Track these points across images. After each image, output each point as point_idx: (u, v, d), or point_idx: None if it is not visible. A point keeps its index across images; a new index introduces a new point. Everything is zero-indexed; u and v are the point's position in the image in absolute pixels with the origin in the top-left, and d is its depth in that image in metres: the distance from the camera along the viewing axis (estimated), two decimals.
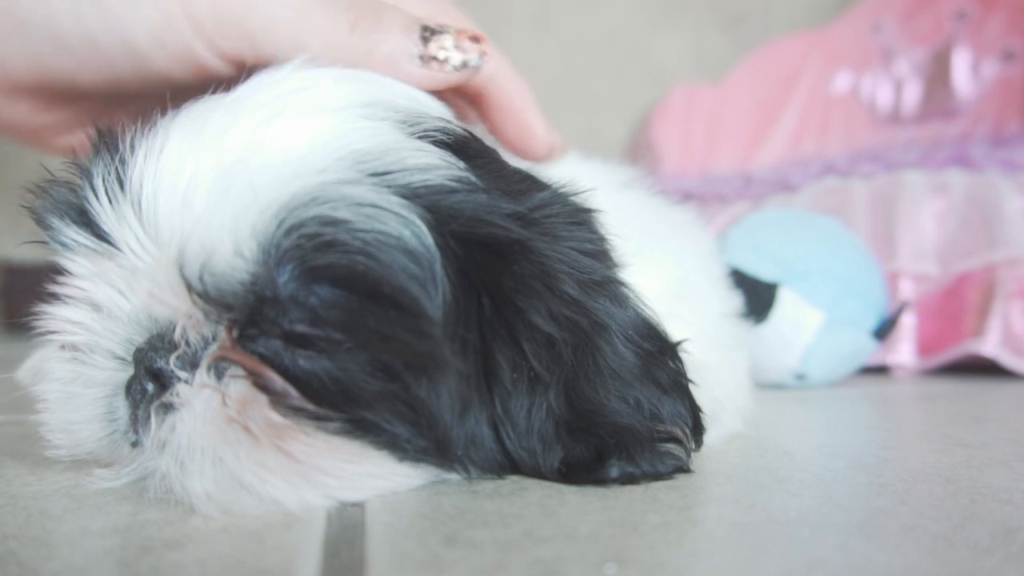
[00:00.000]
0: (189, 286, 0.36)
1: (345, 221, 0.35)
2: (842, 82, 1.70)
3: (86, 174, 0.39)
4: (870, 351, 0.95)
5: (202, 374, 0.37)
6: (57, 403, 0.40)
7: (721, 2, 2.12)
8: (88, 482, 0.39)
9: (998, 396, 0.87)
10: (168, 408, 0.37)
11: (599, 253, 0.43)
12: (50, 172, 0.41)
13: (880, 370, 1.11)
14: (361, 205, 0.35)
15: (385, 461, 0.38)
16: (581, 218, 0.44)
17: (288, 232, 0.35)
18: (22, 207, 0.41)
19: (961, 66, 1.52)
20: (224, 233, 0.35)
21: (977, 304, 1.09)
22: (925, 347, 1.12)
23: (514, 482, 0.41)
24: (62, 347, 0.40)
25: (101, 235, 0.38)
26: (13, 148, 0.94)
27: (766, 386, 0.90)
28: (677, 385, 0.43)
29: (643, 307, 0.44)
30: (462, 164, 0.40)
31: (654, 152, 1.87)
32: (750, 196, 1.46)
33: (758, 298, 0.88)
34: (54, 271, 0.40)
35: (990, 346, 1.04)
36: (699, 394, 0.45)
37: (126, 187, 0.37)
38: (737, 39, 2.07)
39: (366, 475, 0.38)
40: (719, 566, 0.29)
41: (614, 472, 0.39)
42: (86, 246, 0.39)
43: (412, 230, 0.36)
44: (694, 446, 0.44)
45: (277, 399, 0.36)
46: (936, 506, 0.37)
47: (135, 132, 0.39)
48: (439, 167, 0.38)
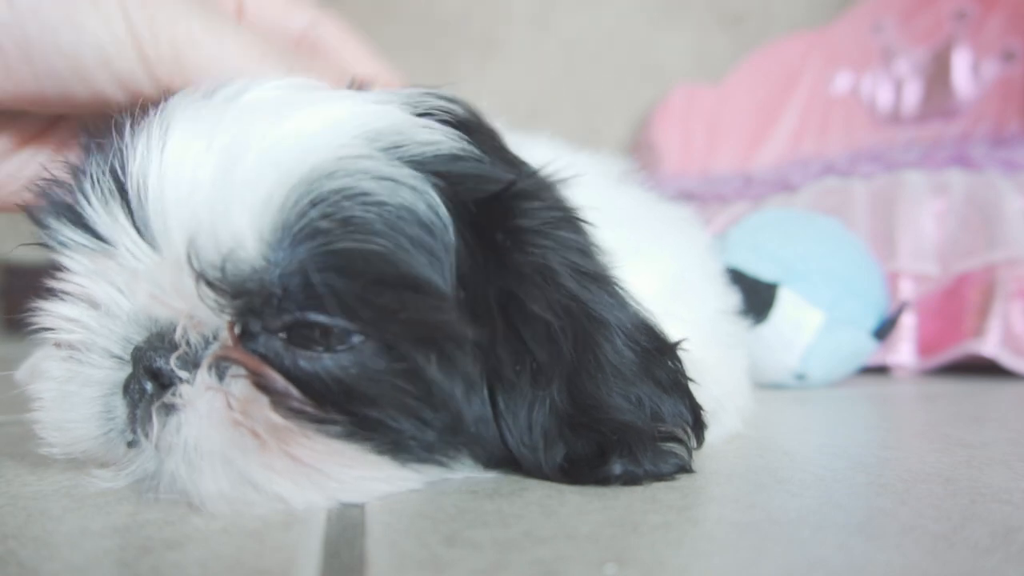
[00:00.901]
0: (200, 275, 0.36)
1: (365, 193, 0.36)
2: (842, 82, 1.70)
3: (82, 174, 0.39)
4: (870, 351, 0.95)
5: (203, 374, 0.36)
6: (53, 401, 0.39)
7: (721, 2, 2.12)
8: (88, 482, 0.39)
9: (998, 396, 0.87)
10: (170, 408, 0.36)
11: (590, 248, 0.44)
12: (48, 172, 0.40)
13: (880, 370, 1.11)
14: (379, 178, 0.36)
15: (387, 465, 0.38)
16: (568, 215, 0.44)
17: (310, 205, 0.35)
18: (19, 207, 0.41)
19: (961, 66, 1.52)
20: (242, 211, 0.35)
21: (977, 304, 1.09)
22: (925, 347, 1.12)
23: (514, 482, 0.41)
24: (58, 345, 0.39)
25: (99, 235, 0.38)
26: None
27: (766, 386, 0.90)
28: (677, 384, 0.43)
29: (640, 305, 0.44)
30: (466, 138, 0.41)
31: (654, 152, 1.87)
32: (750, 196, 1.46)
33: (758, 298, 0.88)
34: (53, 269, 0.40)
35: (990, 346, 1.04)
36: (698, 393, 0.45)
37: (127, 185, 0.37)
38: (737, 39, 2.07)
39: (368, 479, 0.38)
40: (719, 566, 0.29)
41: (617, 469, 0.39)
42: (85, 245, 0.38)
43: (426, 200, 0.37)
44: (696, 444, 0.44)
45: (278, 400, 0.36)
46: (936, 506, 0.37)
47: (130, 128, 0.38)
48: (444, 141, 0.40)
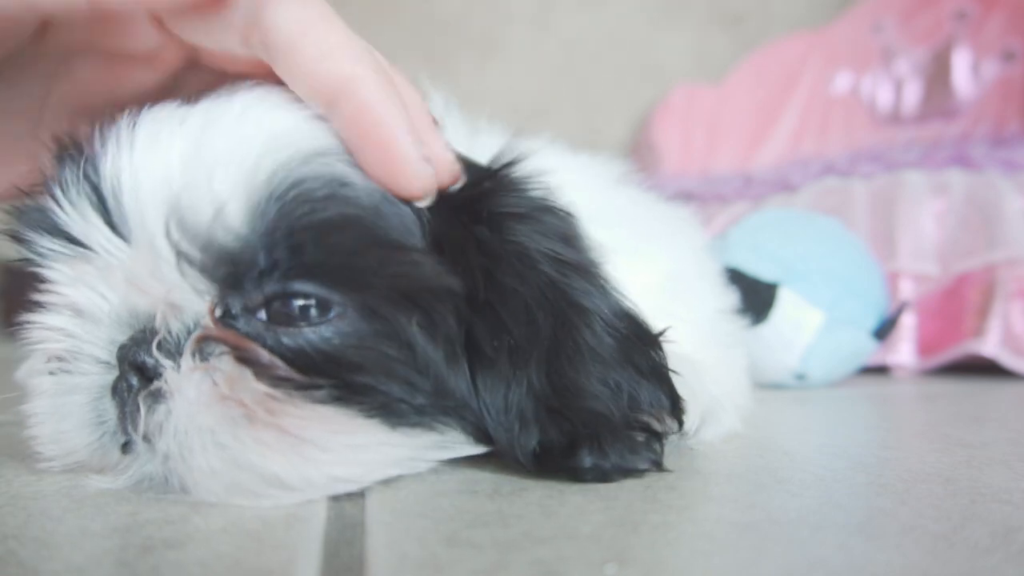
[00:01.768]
0: (179, 249, 0.36)
1: (340, 176, 0.37)
2: (842, 82, 1.70)
3: (54, 181, 0.39)
4: (870, 351, 0.95)
5: (187, 359, 0.36)
6: (46, 415, 0.39)
7: (721, 2, 2.12)
8: (88, 482, 0.39)
9: (998, 396, 0.87)
10: (157, 396, 0.37)
11: (572, 238, 0.44)
12: (20, 188, 0.41)
13: (880, 370, 1.11)
14: (353, 164, 0.38)
15: (377, 430, 0.38)
16: (550, 205, 0.44)
17: (292, 177, 0.36)
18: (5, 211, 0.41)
19: (961, 66, 1.52)
20: (224, 178, 0.36)
21: (977, 304, 1.09)
22: (925, 347, 1.12)
23: (514, 482, 0.41)
24: (48, 359, 0.40)
25: (76, 240, 0.38)
26: None
27: (766, 386, 0.90)
28: (657, 371, 0.43)
29: (621, 295, 0.44)
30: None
31: (654, 152, 1.87)
32: (750, 196, 1.46)
33: (758, 298, 0.88)
34: (40, 280, 0.40)
35: (990, 346, 1.04)
36: (697, 392, 0.45)
37: (100, 185, 0.37)
38: (737, 39, 2.07)
39: (359, 447, 0.38)
40: (719, 566, 0.29)
41: (587, 462, 0.39)
42: (63, 253, 0.39)
43: None
44: (676, 427, 0.44)
45: (263, 371, 0.36)
46: (936, 506, 0.37)
47: (100, 133, 0.39)
48: None
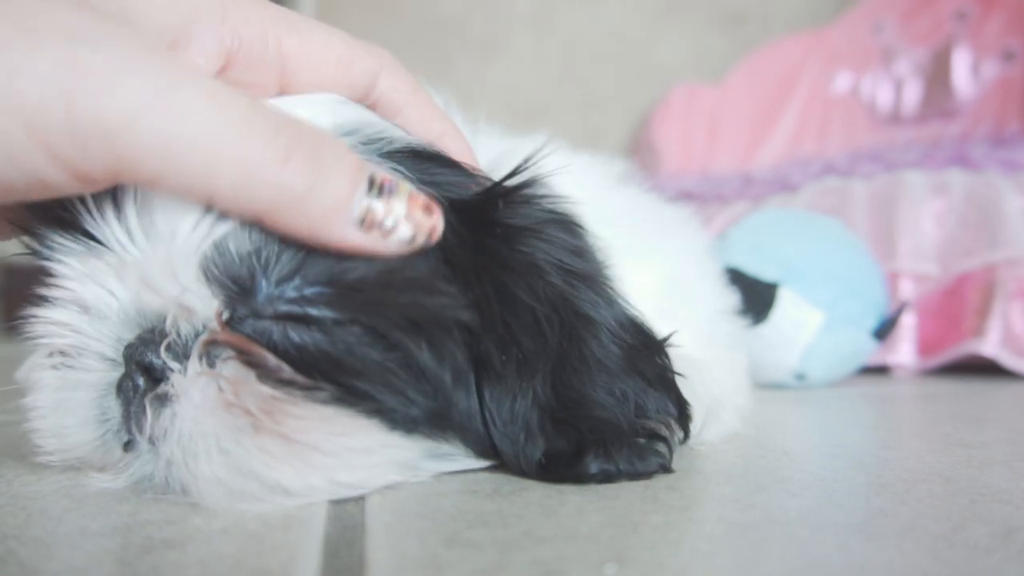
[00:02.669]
0: (200, 254, 0.36)
1: None
2: (842, 82, 1.70)
3: None
4: (870, 351, 0.96)
5: (195, 363, 0.36)
6: (48, 409, 0.39)
7: (721, 2, 2.12)
8: (88, 482, 0.39)
9: (998, 396, 0.87)
10: (163, 400, 0.36)
11: (581, 248, 0.43)
12: None
13: (880, 370, 1.11)
14: None
15: (376, 432, 0.38)
16: (560, 216, 0.43)
17: None
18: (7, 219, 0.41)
19: (961, 66, 1.52)
20: None
21: (977, 304, 1.09)
22: (925, 347, 1.12)
23: (514, 482, 0.41)
24: (51, 354, 0.39)
25: (89, 235, 0.38)
26: None
27: (766, 386, 0.90)
28: (663, 379, 0.43)
29: (629, 304, 0.44)
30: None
31: (654, 152, 1.87)
32: (750, 196, 1.46)
33: (758, 298, 0.88)
34: (46, 274, 0.40)
35: (990, 346, 1.05)
36: (698, 392, 0.45)
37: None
38: (737, 39, 2.07)
39: (359, 450, 0.37)
40: (719, 566, 0.29)
41: (593, 468, 0.39)
42: (74, 247, 0.38)
43: None
44: (682, 436, 0.44)
45: (267, 373, 0.36)
46: (936, 506, 0.37)
47: None
48: (415, 141, 0.42)
